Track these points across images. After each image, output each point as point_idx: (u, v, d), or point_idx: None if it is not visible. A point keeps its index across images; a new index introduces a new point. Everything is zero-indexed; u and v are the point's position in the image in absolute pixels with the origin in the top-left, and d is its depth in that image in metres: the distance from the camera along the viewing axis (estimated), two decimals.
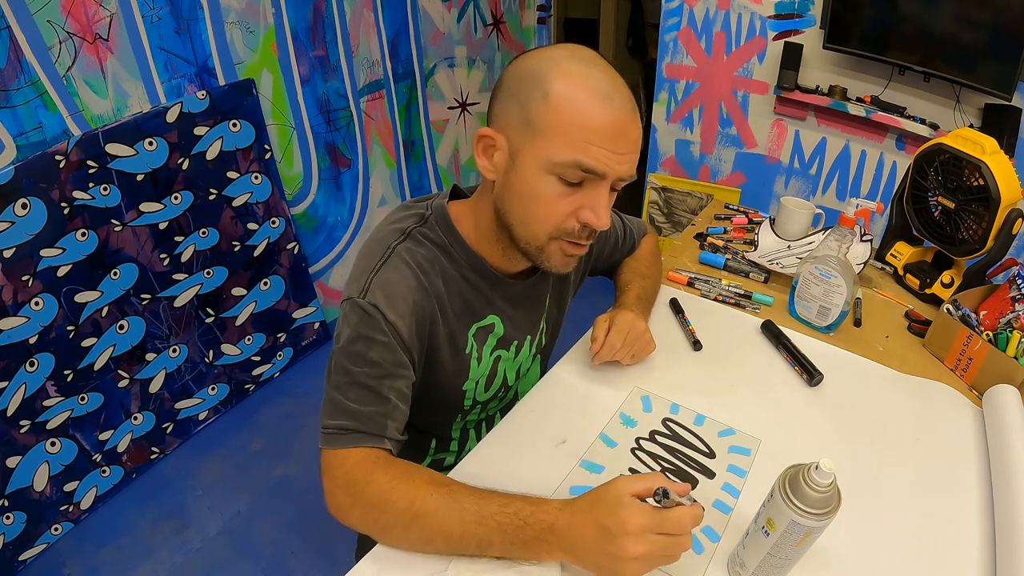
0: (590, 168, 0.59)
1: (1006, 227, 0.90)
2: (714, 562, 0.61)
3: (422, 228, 0.70)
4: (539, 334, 0.84)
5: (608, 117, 0.58)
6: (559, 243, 0.65)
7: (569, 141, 0.58)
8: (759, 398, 0.83)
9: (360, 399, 0.62)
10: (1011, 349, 0.82)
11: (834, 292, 0.92)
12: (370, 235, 0.71)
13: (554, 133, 0.59)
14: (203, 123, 1.60)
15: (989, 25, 1.52)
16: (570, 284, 0.88)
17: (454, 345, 0.72)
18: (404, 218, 0.71)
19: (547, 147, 0.59)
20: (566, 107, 0.58)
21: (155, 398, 1.72)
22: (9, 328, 1.35)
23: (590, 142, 0.58)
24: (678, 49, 2.19)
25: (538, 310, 0.82)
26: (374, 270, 0.65)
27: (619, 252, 0.99)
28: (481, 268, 0.71)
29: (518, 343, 0.80)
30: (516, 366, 0.82)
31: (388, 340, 0.63)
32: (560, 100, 0.58)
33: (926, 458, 0.74)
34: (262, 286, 1.92)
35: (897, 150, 1.89)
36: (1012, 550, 0.59)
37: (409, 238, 0.69)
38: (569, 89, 0.58)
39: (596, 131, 0.58)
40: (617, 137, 0.59)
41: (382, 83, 2.16)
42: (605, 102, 0.58)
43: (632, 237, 1.00)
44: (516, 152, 0.61)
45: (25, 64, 1.28)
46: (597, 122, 0.58)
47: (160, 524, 1.63)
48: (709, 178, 2.36)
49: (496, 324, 0.76)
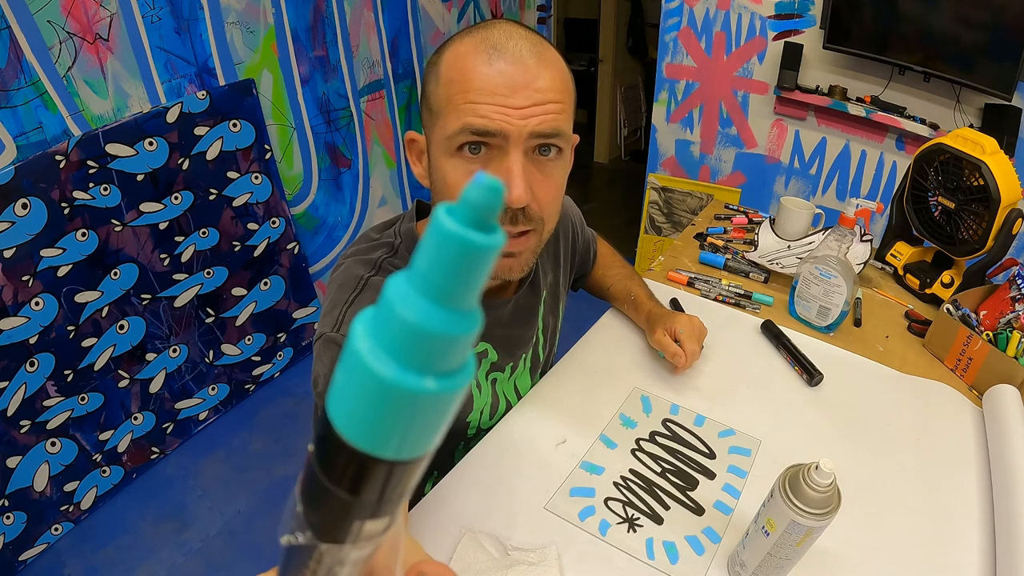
0: (480, 128, 0.51)
1: (1006, 227, 0.90)
2: (714, 562, 0.62)
3: (393, 259, 0.65)
4: (534, 348, 0.80)
5: (496, 69, 0.51)
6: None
7: (457, 108, 0.52)
8: (759, 398, 0.83)
9: None
10: (1011, 349, 0.82)
11: (834, 292, 0.92)
12: (338, 267, 0.65)
13: (445, 107, 0.53)
14: (203, 123, 1.60)
15: (989, 25, 1.51)
16: (561, 290, 0.84)
17: None
18: (373, 248, 0.66)
19: (443, 125, 0.53)
20: (451, 76, 0.52)
21: (155, 398, 1.72)
22: (9, 328, 1.35)
23: (477, 101, 0.51)
24: (678, 49, 2.19)
25: (530, 327, 0.77)
26: (347, 303, 0.60)
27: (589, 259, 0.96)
28: None
29: (513, 365, 0.77)
30: (513, 384, 0.79)
31: None
32: (447, 71, 0.53)
33: (926, 458, 0.74)
34: (262, 286, 1.92)
35: (897, 150, 1.89)
36: (1012, 550, 0.59)
37: (381, 270, 0.64)
38: (453, 57, 0.53)
39: (482, 89, 0.51)
40: (513, 89, 0.51)
41: (382, 83, 2.16)
42: (492, 55, 0.51)
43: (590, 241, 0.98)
44: (428, 146, 0.57)
45: (25, 64, 1.28)
46: (482, 78, 0.51)
47: (160, 524, 1.63)
48: (709, 178, 2.36)
49: (489, 351, 0.72)
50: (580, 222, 0.90)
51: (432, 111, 0.55)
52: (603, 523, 0.65)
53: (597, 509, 0.67)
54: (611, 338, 0.93)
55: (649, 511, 0.67)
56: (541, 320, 0.80)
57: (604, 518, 0.66)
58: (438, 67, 0.54)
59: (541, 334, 0.81)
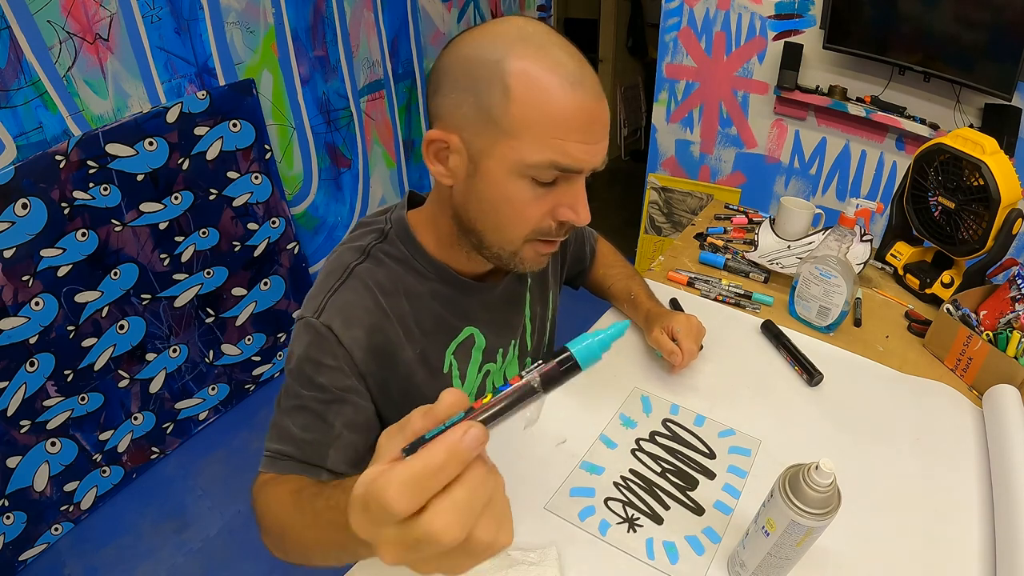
0: (567, 167, 0.54)
1: (1006, 227, 0.90)
2: (714, 563, 0.62)
3: (382, 245, 0.66)
4: (522, 334, 0.81)
5: (579, 106, 0.52)
6: (533, 244, 0.60)
7: (540, 139, 0.52)
8: (759, 398, 0.83)
9: (304, 425, 0.59)
10: (1011, 349, 0.82)
11: (834, 292, 0.92)
12: (332, 254, 0.67)
13: (522, 132, 0.52)
14: (203, 123, 1.60)
15: (989, 25, 1.51)
16: (550, 279, 0.85)
17: (428, 367, 0.68)
18: (363, 235, 0.67)
19: (517, 148, 0.53)
20: (532, 100, 0.51)
21: (155, 398, 1.72)
22: (9, 328, 1.35)
23: (564, 138, 0.52)
24: (678, 49, 2.19)
25: (518, 312, 0.78)
26: (331, 291, 0.62)
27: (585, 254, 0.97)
28: (449, 278, 0.67)
29: (503, 351, 0.77)
30: (503, 373, 0.79)
31: (338, 364, 0.60)
32: (524, 93, 0.51)
33: (926, 458, 0.74)
34: (262, 286, 1.92)
35: (897, 150, 1.89)
36: (1012, 550, 0.59)
37: (369, 258, 0.65)
38: (531, 79, 0.51)
39: (568, 125, 0.52)
40: (591, 127, 0.53)
41: (382, 83, 2.16)
42: (575, 89, 0.52)
43: (589, 238, 0.99)
44: (479, 155, 0.55)
45: (25, 64, 1.28)
46: (568, 114, 0.52)
47: (160, 524, 1.63)
48: (709, 178, 2.36)
49: (476, 336, 0.72)
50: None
51: (497, 125, 0.53)
52: (603, 523, 0.65)
53: (597, 509, 0.67)
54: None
55: (649, 511, 0.67)
56: (528, 308, 0.80)
57: (604, 518, 0.66)
58: (506, 81, 0.51)
59: (529, 322, 0.81)
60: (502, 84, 0.52)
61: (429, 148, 0.58)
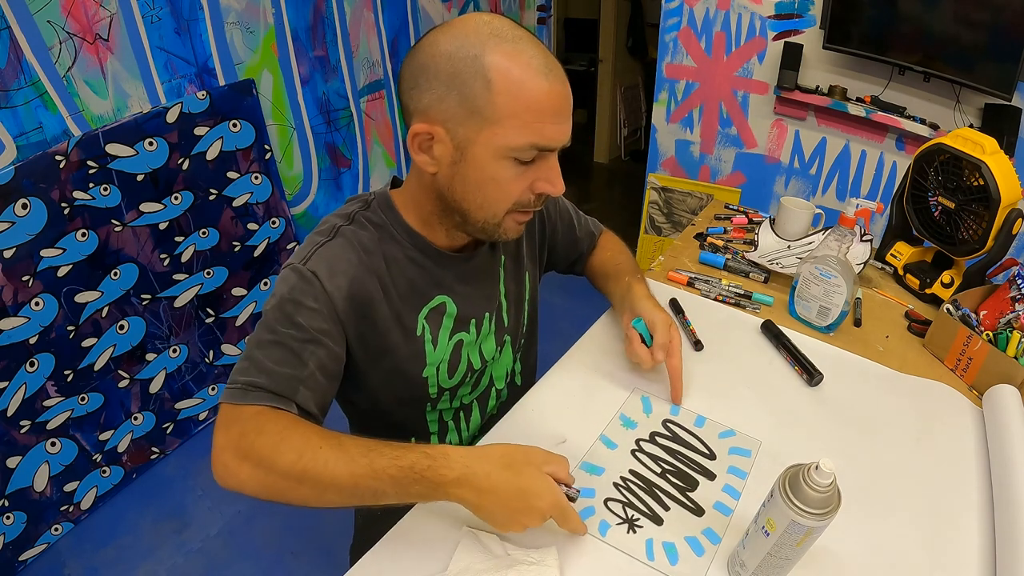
0: (546, 146, 0.62)
1: (1006, 227, 0.90)
2: (714, 563, 0.62)
3: (365, 212, 0.72)
4: (497, 310, 0.82)
5: (551, 92, 0.60)
6: (513, 215, 0.67)
7: (521, 124, 0.59)
8: (759, 398, 0.83)
9: (278, 360, 0.61)
10: (1011, 349, 0.82)
11: (834, 292, 0.92)
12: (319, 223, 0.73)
13: (505, 119, 0.59)
14: (203, 123, 1.60)
15: (989, 25, 1.52)
16: (525, 259, 0.86)
17: (402, 327, 0.72)
18: (349, 204, 0.74)
19: (501, 134, 0.60)
20: (512, 91, 0.58)
21: (155, 398, 1.73)
22: (9, 328, 1.35)
23: (541, 121, 0.60)
24: (678, 49, 2.19)
25: (492, 285, 0.82)
26: (320, 244, 0.67)
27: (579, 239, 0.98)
28: (425, 247, 0.72)
29: (476, 321, 0.79)
30: (478, 348, 0.80)
31: (319, 308, 0.63)
32: (504, 85, 0.58)
33: (926, 458, 0.74)
34: (262, 286, 1.93)
35: (897, 150, 1.89)
36: (1012, 550, 0.59)
37: (354, 222, 0.71)
38: (509, 72, 0.58)
39: (544, 109, 0.60)
40: (562, 109, 0.61)
41: (382, 83, 2.16)
42: (547, 78, 0.59)
43: (589, 227, 1.00)
44: (465, 143, 0.61)
45: (25, 64, 1.28)
46: (543, 100, 0.59)
47: (160, 524, 1.63)
48: (709, 178, 2.36)
49: (447, 304, 0.75)
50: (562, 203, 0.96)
51: (481, 115, 0.59)
52: (603, 524, 0.65)
53: (597, 509, 0.67)
54: (611, 338, 0.93)
55: (649, 512, 0.67)
56: (503, 284, 0.83)
57: (604, 519, 0.66)
58: (487, 75, 0.58)
59: (504, 298, 0.83)
60: (483, 78, 0.58)
61: (414, 140, 0.64)
